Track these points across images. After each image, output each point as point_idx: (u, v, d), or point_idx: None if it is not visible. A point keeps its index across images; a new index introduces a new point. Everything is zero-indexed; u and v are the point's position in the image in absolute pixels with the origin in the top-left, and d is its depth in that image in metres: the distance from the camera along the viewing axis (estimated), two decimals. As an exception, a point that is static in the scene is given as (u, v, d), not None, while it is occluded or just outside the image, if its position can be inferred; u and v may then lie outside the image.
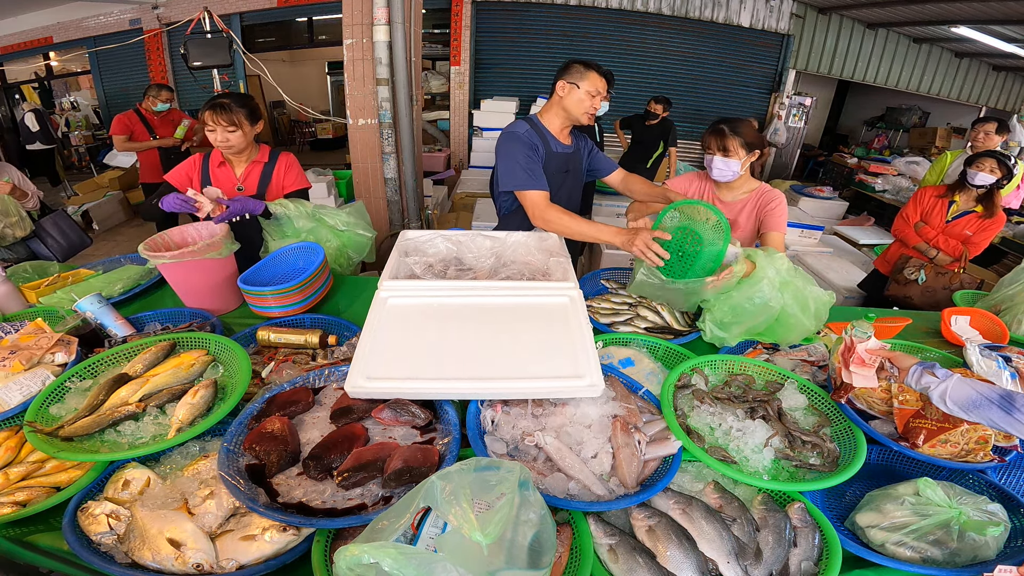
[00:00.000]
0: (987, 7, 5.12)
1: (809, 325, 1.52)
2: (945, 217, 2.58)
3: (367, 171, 3.87)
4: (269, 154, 2.06)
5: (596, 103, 1.82)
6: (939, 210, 2.59)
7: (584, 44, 6.80)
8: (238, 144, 1.90)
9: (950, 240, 2.55)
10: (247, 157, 2.02)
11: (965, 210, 2.54)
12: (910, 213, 2.68)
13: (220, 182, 2.00)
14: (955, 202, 2.56)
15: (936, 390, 1.03)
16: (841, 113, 10.02)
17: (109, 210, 5.73)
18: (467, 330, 1.31)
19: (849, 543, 0.96)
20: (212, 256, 1.58)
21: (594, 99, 1.80)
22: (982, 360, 1.41)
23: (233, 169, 2.02)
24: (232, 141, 1.87)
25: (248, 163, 2.02)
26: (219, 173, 2.00)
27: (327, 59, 9.95)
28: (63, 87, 9.00)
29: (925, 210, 2.64)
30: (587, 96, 1.80)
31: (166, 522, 0.88)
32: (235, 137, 1.87)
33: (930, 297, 2.48)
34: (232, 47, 4.27)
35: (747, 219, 1.90)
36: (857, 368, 1.19)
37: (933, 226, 2.61)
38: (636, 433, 1.08)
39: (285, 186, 2.08)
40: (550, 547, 0.77)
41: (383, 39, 3.33)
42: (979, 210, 2.49)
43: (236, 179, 2.03)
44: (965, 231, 2.52)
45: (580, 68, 1.79)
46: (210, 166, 2.00)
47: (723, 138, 1.76)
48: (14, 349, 1.27)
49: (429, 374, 1.16)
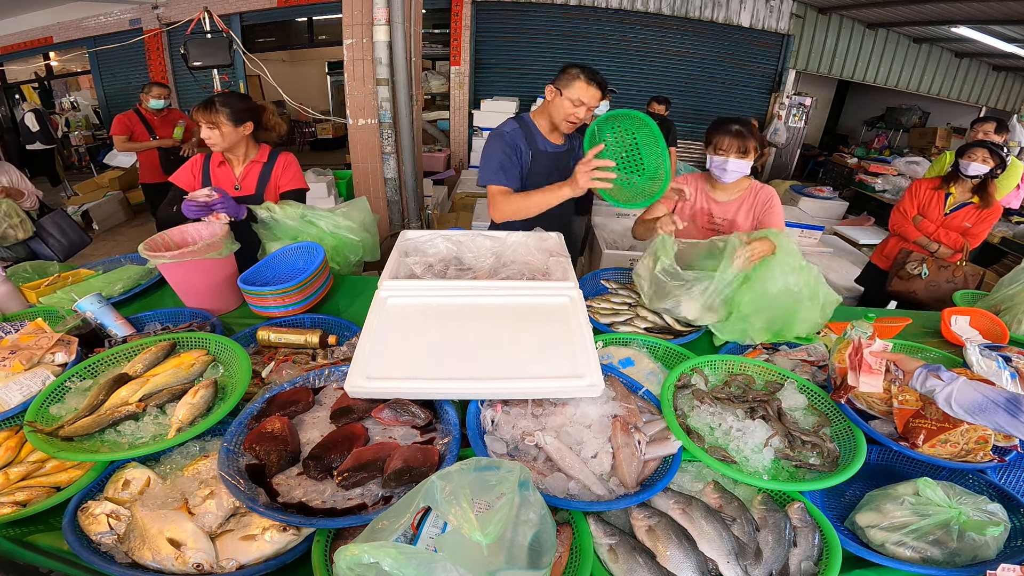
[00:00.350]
0: (987, 7, 5.12)
1: (817, 318, 1.54)
2: (943, 210, 2.57)
3: (367, 171, 3.87)
4: (269, 154, 2.06)
5: (580, 112, 1.79)
6: (936, 203, 2.58)
7: (584, 44, 6.81)
8: (218, 143, 1.90)
9: (950, 233, 2.54)
10: (245, 157, 2.02)
11: (963, 202, 2.53)
12: (907, 207, 2.67)
13: (219, 182, 2.00)
14: (951, 194, 2.55)
15: (941, 393, 1.03)
16: (841, 113, 10.03)
17: (109, 210, 5.74)
18: (467, 330, 1.31)
19: (849, 543, 0.96)
20: (212, 256, 1.58)
21: (577, 108, 1.77)
22: (982, 360, 1.41)
23: (232, 169, 2.03)
24: (212, 139, 1.89)
25: (247, 163, 2.03)
26: (219, 173, 2.01)
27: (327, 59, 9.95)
28: (63, 87, 9.00)
29: (921, 203, 2.63)
30: (569, 104, 1.77)
31: (166, 522, 0.88)
32: (214, 135, 1.88)
33: (934, 291, 2.49)
34: (232, 47, 4.27)
35: (745, 218, 1.90)
36: (866, 377, 1.19)
37: (931, 219, 2.60)
38: (636, 433, 1.08)
39: (280, 186, 2.07)
40: (550, 547, 0.77)
41: (383, 39, 3.33)
42: (976, 201, 2.49)
43: (235, 179, 2.03)
44: (964, 223, 2.52)
45: (570, 75, 1.75)
46: (211, 166, 2.01)
47: (744, 139, 1.76)
48: (14, 349, 1.27)
49: (429, 374, 1.16)
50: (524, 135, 1.90)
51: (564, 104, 1.78)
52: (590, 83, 1.74)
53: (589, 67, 1.76)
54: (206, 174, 2.01)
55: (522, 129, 1.90)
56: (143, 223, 5.81)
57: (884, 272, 2.80)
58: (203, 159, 2.03)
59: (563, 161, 1.99)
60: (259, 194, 2.03)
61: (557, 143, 1.96)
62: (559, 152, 1.97)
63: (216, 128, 1.88)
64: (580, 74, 1.74)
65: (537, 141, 1.91)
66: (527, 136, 1.90)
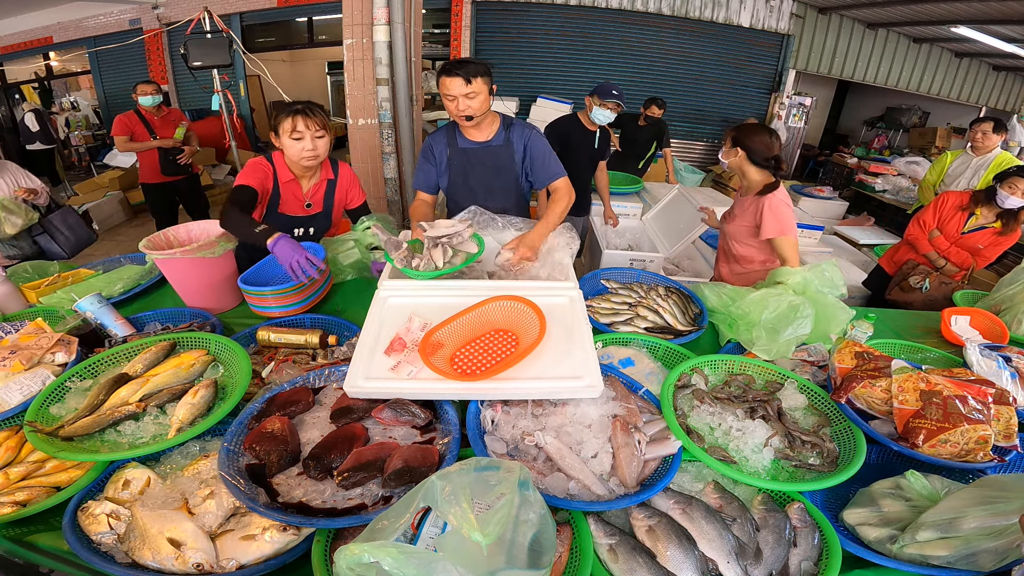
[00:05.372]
0: (987, 7, 5.12)
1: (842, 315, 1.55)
2: (961, 228, 2.50)
3: (367, 171, 3.87)
4: (330, 166, 1.94)
5: (458, 105, 1.75)
6: (957, 220, 2.51)
7: (584, 44, 6.81)
8: (322, 154, 1.77)
9: (961, 252, 2.50)
10: (315, 170, 1.89)
11: (983, 224, 2.46)
12: (928, 219, 2.59)
13: (287, 201, 1.87)
14: (975, 214, 2.47)
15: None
16: (841, 113, 10.02)
17: (109, 210, 5.73)
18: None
19: (849, 543, 0.96)
20: (205, 255, 1.58)
21: (451, 102, 1.75)
22: (982, 360, 1.41)
23: (300, 184, 1.88)
24: (319, 150, 1.75)
25: (316, 179, 1.90)
26: (286, 191, 1.86)
27: (327, 59, 9.93)
28: (63, 87, 9.00)
29: (943, 218, 2.56)
30: (444, 100, 1.77)
31: (166, 522, 0.88)
32: (323, 144, 1.75)
33: (930, 305, 2.47)
34: (232, 47, 4.27)
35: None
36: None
37: (947, 234, 2.53)
38: (636, 433, 1.08)
39: (348, 203, 2.01)
40: (550, 547, 0.77)
41: (383, 39, 3.33)
42: (997, 226, 2.42)
43: (303, 196, 1.88)
44: (978, 244, 2.46)
45: (438, 75, 1.74)
46: (280, 183, 1.84)
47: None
48: (14, 349, 1.28)
49: (429, 374, 1.16)
50: (447, 134, 1.95)
51: (444, 103, 1.79)
52: (447, 75, 1.71)
53: (452, 61, 1.73)
54: (276, 192, 1.84)
55: (447, 129, 1.95)
56: (143, 223, 5.80)
57: (889, 276, 2.79)
58: (272, 173, 1.83)
59: (485, 156, 1.96)
60: (327, 212, 1.95)
61: (479, 139, 1.94)
62: (477, 148, 1.94)
63: (325, 136, 1.74)
64: (442, 70, 1.73)
65: (457, 139, 1.95)
66: (448, 136, 1.95)
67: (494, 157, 1.96)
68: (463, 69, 1.69)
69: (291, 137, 1.70)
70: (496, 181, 2.00)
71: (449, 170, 1.98)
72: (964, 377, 1.23)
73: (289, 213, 1.91)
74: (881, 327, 1.81)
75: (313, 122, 1.70)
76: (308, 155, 1.74)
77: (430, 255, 1.52)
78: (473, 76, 1.70)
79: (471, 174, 1.98)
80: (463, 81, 1.70)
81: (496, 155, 1.96)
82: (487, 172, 1.98)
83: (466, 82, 1.70)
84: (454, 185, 2.02)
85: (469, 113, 1.77)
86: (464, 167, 1.97)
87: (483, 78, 1.73)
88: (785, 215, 1.89)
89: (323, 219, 1.98)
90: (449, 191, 2.06)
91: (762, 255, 2.06)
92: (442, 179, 2.02)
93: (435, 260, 1.52)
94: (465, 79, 1.70)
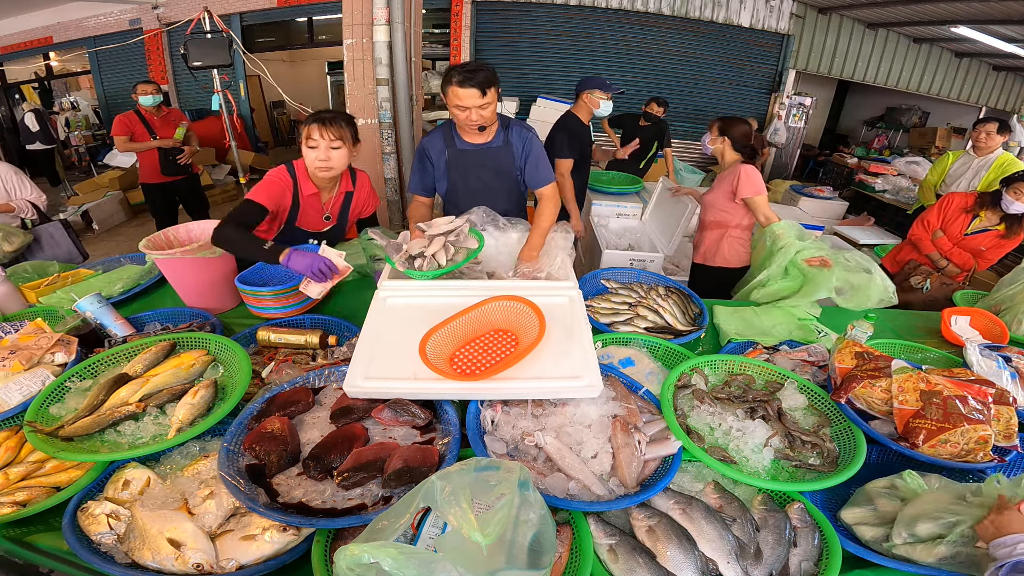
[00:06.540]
0: (987, 7, 5.12)
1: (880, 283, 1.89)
2: (965, 230, 2.51)
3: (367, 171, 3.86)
4: (349, 178, 1.89)
5: (470, 116, 1.73)
6: (961, 222, 2.52)
7: (584, 44, 6.81)
8: (339, 165, 1.69)
9: (963, 253, 2.51)
10: (337, 182, 1.83)
11: (987, 227, 2.46)
12: (932, 220, 2.60)
13: (306, 215, 1.81)
14: (979, 216, 2.47)
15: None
16: (841, 113, 10.01)
17: (109, 210, 5.73)
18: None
19: (849, 543, 0.96)
20: (205, 255, 1.58)
21: (463, 112, 1.72)
22: (982, 360, 1.41)
23: (321, 196, 1.82)
24: (333, 161, 1.66)
25: (336, 191, 1.85)
26: (306, 204, 1.79)
27: (327, 59, 9.93)
28: (63, 87, 8.99)
29: (947, 219, 2.56)
30: (454, 109, 1.75)
31: (166, 522, 0.88)
32: (337, 156, 1.66)
33: (930, 305, 2.46)
34: (232, 47, 4.26)
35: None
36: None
37: (950, 235, 2.54)
38: (636, 433, 1.08)
39: (363, 212, 1.98)
40: (550, 547, 0.77)
41: (383, 39, 3.33)
42: (1000, 229, 2.42)
43: (322, 207, 1.82)
44: (980, 246, 2.47)
45: (447, 81, 1.69)
46: (301, 196, 1.76)
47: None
48: (14, 349, 1.28)
49: (429, 374, 1.16)
50: (443, 136, 1.93)
51: (452, 110, 1.76)
52: (461, 86, 1.67)
53: (461, 69, 1.66)
54: (296, 205, 1.76)
55: (443, 131, 1.94)
56: (143, 223, 5.80)
57: (892, 276, 2.78)
58: (291, 183, 1.74)
59: (490, 157, 1.95)
60: (342, 223, 1.90)
61: (479, 141, 1.92)
62: (477, 149, 1.93)
63: (343, 147, 1.65)
64: (452, 79, 1.68)
65: (455, 140, 1.93)
66: (446, 137, 1.93)
67: (494, 158, 1.95)
68: (476, 79, 1.65)
69: (307, 145, 1.66)
70: (496, 182, 1.99)
71: (448, 172, 1.96)
72: (964, 377, 1.23)
73: (306, 228, 1.86)
74: (881, 327, 1.81)
75: (329, 132, 1.62)
76: (321, 165, 1.67)
77: (432, 254, 1.52)
78: (487, 87, 1.68)
79: (471, 176, 1.97)
80: (479, 93, 1.67)
81: (496, 156, 1.95)
82: (487, 173, 1.97)
83: (481, 93, 1.68)
84: (453, 187, 2.00)
85: (482, 123, 1.77)
86: (464, 169, 1.95)
87: (495, 87, 1.72)
88: (757, 179, 2.24)
89: (338, 231, 1.96)
90: (448, 193, 2.04)
91: (735, 219, 2.36)
92: (440, 182, 2.01)
93: (438, 259, 1.52)
94: (480, 91, 1.67)
